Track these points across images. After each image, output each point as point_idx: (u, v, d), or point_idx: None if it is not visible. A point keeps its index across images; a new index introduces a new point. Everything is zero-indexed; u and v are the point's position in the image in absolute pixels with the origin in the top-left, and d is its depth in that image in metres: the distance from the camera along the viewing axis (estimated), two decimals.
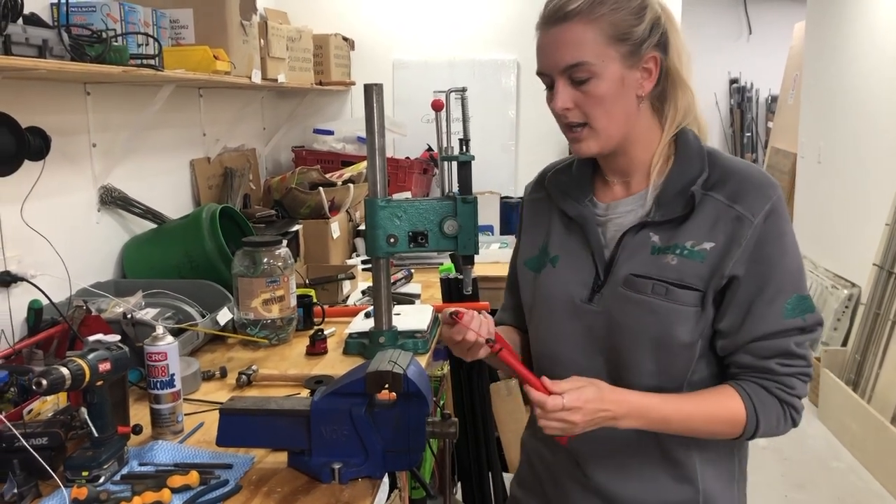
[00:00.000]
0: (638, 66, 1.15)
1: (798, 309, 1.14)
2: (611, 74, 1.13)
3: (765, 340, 1.14)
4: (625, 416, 1.13)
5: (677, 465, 1.23)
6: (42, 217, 1.92)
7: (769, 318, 1.14)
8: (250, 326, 2.04)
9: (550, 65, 1.15)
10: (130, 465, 1.37)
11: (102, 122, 2.25)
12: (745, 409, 1.15)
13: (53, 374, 1.23)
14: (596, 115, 1.15)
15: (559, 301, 1.24)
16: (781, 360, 1.15)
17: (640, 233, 1.18)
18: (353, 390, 1.31)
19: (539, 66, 1.18)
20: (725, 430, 1.17)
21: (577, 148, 1.19)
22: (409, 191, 3.49)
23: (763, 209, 1.13)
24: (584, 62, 1.12)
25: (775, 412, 1.16)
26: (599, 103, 1.14)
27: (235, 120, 3.21)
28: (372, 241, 1.86)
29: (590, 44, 1.12)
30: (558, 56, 1.14)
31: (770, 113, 7.57)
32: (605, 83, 1.13)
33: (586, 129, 1.16)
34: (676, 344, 1.16)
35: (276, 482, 1.32)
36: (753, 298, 1.14)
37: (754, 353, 1.15)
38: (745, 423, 1.16)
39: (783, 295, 1.13)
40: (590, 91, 1.13)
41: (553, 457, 1.34)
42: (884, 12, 4.15)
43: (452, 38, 3.91)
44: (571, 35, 1.12)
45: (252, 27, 2.66)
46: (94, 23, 1.92)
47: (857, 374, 3.87)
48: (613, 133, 1.17)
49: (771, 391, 1.16)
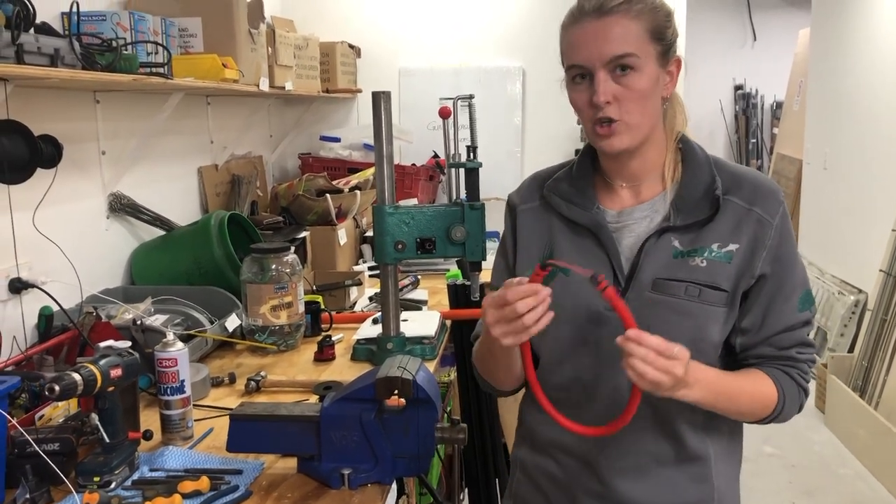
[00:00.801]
0: (666, 68, 1.19)
1: (807, 303, 1.22)
2: (649, 71, 1.15)
3: (785, 333, 1.21)
4: (695, 382, 1.11)
5: (694, 463, 1.24)
6: (53, 224, 1.94)
7: (787, 312, 1.20)
8: (259, 332, 2.05)
9: (594, 56, 1.14)
10: (141, 471, 1.38)
11: (112, 129, 2.26)
12: (776, 392, 1.20)
13: (66, 380, 1.24)
14: (633, 110, 1.15)
15: (579, 310, 1.21)
16: (799, 349, 1.23)
17: (662, 238, 1.19)
18: (363, 396, 1.31)
19: (576, 58, 1.16)
20: (759, 410, 1.21)
21: (608, 143, 1.17)
22: (415, 197, 3.50)
23: (778, 211, 1.19)
24: (631, 53, 1.13)
25: (797, 397, 1.23)
26: (638, 98, 1.15)
27: (243, 127, 3.22)
28: (380, 247, 1.86)
29: (634, 37, 1.14)
30: (605, 47, 1.13)
31: (775, 119, 7.57)
32: (645, 78, 1.15)
33: (620, 124, 1.16)
34: (709, 344, 1.19)
35: (286, 488, 1.33)
36: (774, 295, 1.20)
37: (776, 345, 1.21)
38: (776, 404, 1.21)
39: (797, 291, 1.21)
40: (631, 85, 1.14)
41: (560, 470, 1.29)
42: (888, 18, 4.15)
43: (458, 45, 3.92)
44: (618, 27, 1.13)
45: (260, 35, 2.68)
46: (104, 32, 1.94)
47: (863, 380, 3.87)
48: (645, 130, 1.18)
49: (793, 377, 1.22)
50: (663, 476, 1.24)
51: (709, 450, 1.24)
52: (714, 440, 1.25)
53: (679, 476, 1.24)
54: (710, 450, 1.24)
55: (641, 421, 1.20)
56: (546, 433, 1.30)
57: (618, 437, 1.19)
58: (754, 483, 3.39)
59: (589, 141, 1.26)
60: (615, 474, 1.24)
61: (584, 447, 1.24)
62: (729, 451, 1.29)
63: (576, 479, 1.27)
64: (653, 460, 1.23)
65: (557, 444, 1.29)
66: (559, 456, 1.29)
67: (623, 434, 1.18)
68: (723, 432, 1.27)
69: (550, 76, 1.29)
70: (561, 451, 1.28)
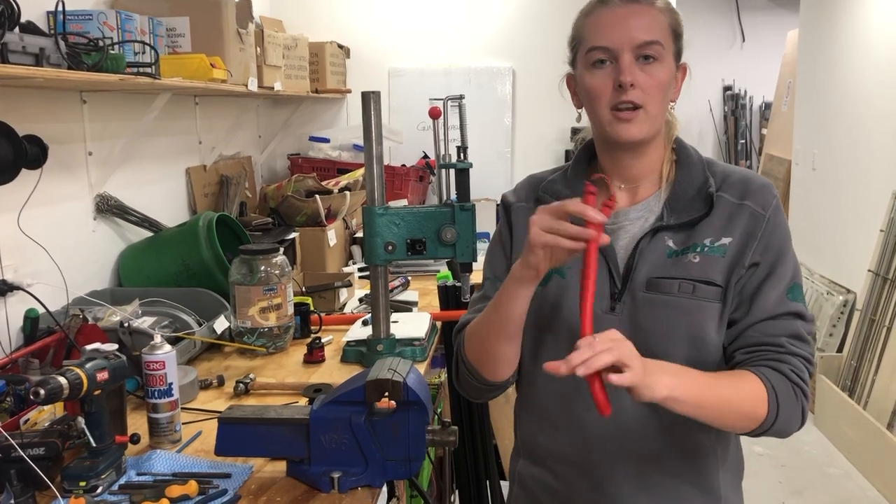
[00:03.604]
0: (677, 69, 1.21)
1: (797, 294, 1.18)
2: (669, 64, 1.17)
3: (773, 320, 1.16)
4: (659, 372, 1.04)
5: (699, 472, 1.22)
6: (38, 226, 1.92)
7: (774, 298, 1.16)
8: (247, 335, 2.03)
9: (623, 39, 1.14)
10: (128, 475, 1.36)
11: (99, 130, 2.24)
12: (764, 388, 1.12)
13: (51, 384, 1.22)
14: (654, 100, 1.15)
15: (577, 312, 1.18)
16: (790, 339, 1.16)
17: (656, 237, 1.19)
18: (353, 398, 1.30)
19: (602, 40, 1.15)
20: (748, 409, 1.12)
21: (625, 129, 1.15)
22: (405, 198, 3.50)
23: (771, 204, 1.19)
24: (660, 42, 1.15)
25: (793, 398, 1.14)
26: (659, 88, 1.15)
27: (231, 128, 3.20)
28: (370, 248, 1.85)
29: (662, 28, 1.16)
30: (637, 31, 1.14)
31: (764, 120, 7.59)
32: (666, 70, 1.16)
33: (642, 111, 1.15)
34: (708, 343, 1.16)
35: (275, 491, 1.32)
36: (762, 281, 1.17)
37: (763, 331, 1.16)
38: (767, 404, 1.12)
39: (788, 279, 1.18)
40: (654, 73, 1.15)
41: (558, 481, 1.27)
42: (875, 20, 4.18)
43: (448, 46, 3.92)
44: (649, 16, 1.15)
45: (248, 35, 2.66)
46: (90, 31, 1.92)
47: (852, 380, 3.88)
48: (659, 123, 1.19)
49: (785, 374, 1.13)
50: (667, 485, 1.22)
51: (713, 459, 1.23)
52: (718, 449, 1.23)
53: (683, 485, 1.22)
54: (714, 459, 1.23)
55: (645, 429, 1.19)
56: (543, 443, 1.28)
57: (620, 445, 1.18)
58: (745, 483, 3.38)
59: (596, 134, 1.24)
60: (617, 484, 1.21)
61: (583, 456, 1.22)
62: (733, 459, 1.28)
63: (575, 490, 1.25)
64: (656, 469, 1.21)
65: (555, 455, 1.26)
66: (556, 467, 1.27)
67: (626, 443, 1.17)
68: (726, 441, 1.25)
69: (540, 77, 1.28)
70: (559, 462, 1.26)
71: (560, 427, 1.25)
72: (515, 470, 1.37)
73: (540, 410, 1.28)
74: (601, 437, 1.21)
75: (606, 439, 1.20)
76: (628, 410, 1.18)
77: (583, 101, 1.22)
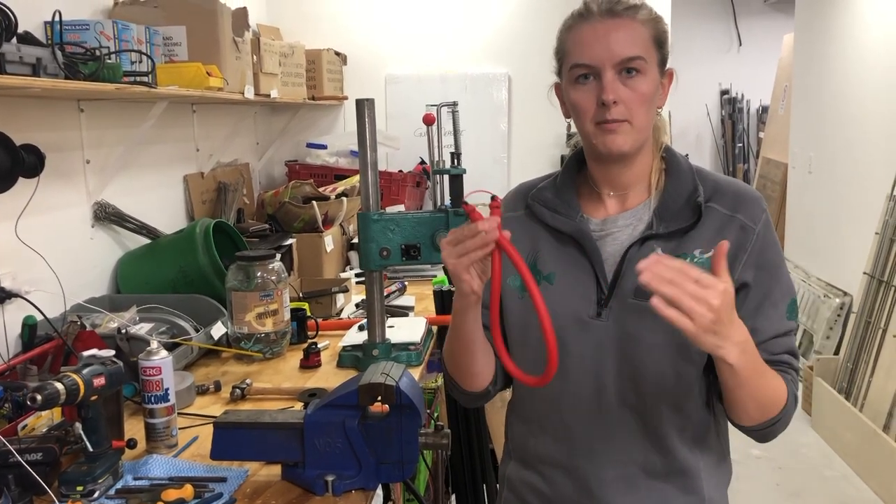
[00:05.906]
0: (662, 78, 1.21)
1: (793, 312, 1.22)
2: (653, 76, 1.17)
3: (777, 339, 1.19)
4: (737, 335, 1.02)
5: (684, 475, 1.23)
6: (36, 233, 1.93)
7: (776, 319, 1.19)
8: (244, 340, 2.05)
9: (604, 56, 1.14)
10: (125, 480, 1.38)
11: (96, 138, 2.26)
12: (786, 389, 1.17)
13: (48, 390, 1.23)
14: (638, 113, 1.16)
15: (564, 318, 1.20)
16: (790, 356, 1.21)
17: (645, 245, 1.20)
18: (346, 402, 1.31)
19: (583, 57, 1.16)
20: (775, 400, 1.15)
21: (611, 140, 1.16)
22: (402, 204, 3.51)
23: (761, 218, 1.20)
24: (641, 57, 1.15)
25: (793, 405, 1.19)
26: (643, 101, 1.16)
27: (229, 135, 3.22)
28: (365, 254, 1.87)
29: (643, 41, 1.16)
30: (617, 47, 1.14)
31: (761, 123, 7.62)
32: (650, 82, 1.16)
33: (626, 124, 1.16)
34: (694, 350, 1.17)
35: (270, 495, 1.33)
36: (762, 302, 1.19)
37: (770, 351, 1.19)
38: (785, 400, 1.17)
39: (785, 298, 1.20)
40: (637, 87, 1.15)
41: (548, 485, 1.29)
42: (871, 23, 4.20)
43: (444, 52, 3.93)
44: (630, 30, 1.15)
45: (245, 43, 2.68)
46: (87, 41, 1.94)
47: (849, 382, 3.89)
48: (646, 133, 1.20)
49: (787, 382, 1.19)
50: (653, 488, 1.23)
51: (698, 461, 1.24)
52: (704, 451, 1.25)
53: (668, 488, 1.23)
54: (699, 461, 1.24)
55: (630, 432, 1.21)
56: (533, 447, 1.30)
57: (606, 448, 1.19)
58: (742, 486, 3.40)
59: (584, 144, 1.25)
60: (603, 486, 1.23)
61: (571, 459, 1.24)
62: (718, 461, 1.28)
63: (563, 493, 1.27)
64: (641, 472, 1.23)
65: (543, 458, 1.28)
66: (545, 470, 1.28)
67: (612, 445, 1.18)
68: (712, 443, 1.27)
69: (536, 83, 1.30)
70: (547, 465, 1.28)
71: (548, 430, 1.26)
72: (505, 474, 1.38)
73: (529, 414, 1.30)
74: (587, 441, 1.22)
75: (593, 442, 1.22)
76: (614, 413, 1.20)
77: (570, 113, 1.23)
